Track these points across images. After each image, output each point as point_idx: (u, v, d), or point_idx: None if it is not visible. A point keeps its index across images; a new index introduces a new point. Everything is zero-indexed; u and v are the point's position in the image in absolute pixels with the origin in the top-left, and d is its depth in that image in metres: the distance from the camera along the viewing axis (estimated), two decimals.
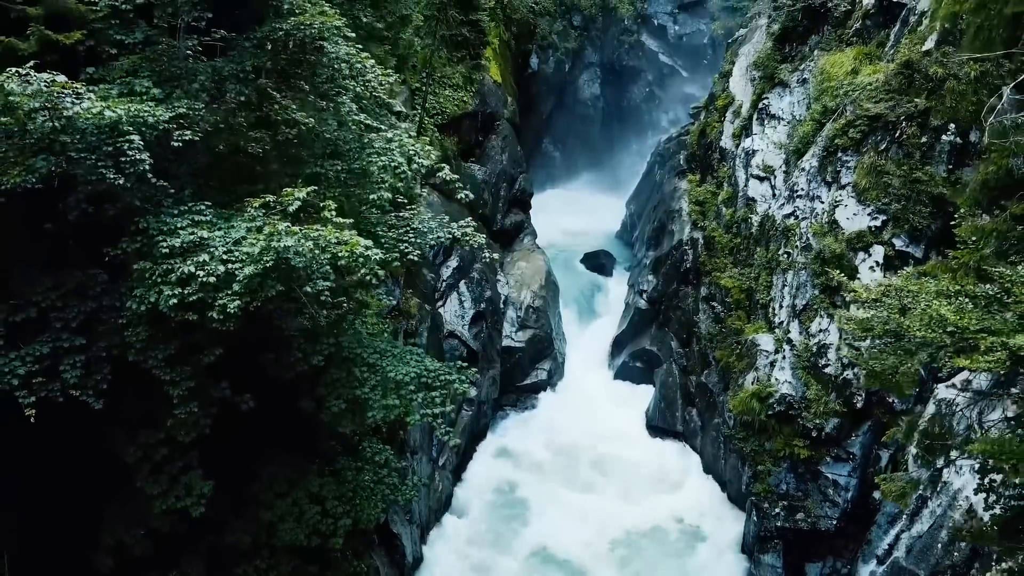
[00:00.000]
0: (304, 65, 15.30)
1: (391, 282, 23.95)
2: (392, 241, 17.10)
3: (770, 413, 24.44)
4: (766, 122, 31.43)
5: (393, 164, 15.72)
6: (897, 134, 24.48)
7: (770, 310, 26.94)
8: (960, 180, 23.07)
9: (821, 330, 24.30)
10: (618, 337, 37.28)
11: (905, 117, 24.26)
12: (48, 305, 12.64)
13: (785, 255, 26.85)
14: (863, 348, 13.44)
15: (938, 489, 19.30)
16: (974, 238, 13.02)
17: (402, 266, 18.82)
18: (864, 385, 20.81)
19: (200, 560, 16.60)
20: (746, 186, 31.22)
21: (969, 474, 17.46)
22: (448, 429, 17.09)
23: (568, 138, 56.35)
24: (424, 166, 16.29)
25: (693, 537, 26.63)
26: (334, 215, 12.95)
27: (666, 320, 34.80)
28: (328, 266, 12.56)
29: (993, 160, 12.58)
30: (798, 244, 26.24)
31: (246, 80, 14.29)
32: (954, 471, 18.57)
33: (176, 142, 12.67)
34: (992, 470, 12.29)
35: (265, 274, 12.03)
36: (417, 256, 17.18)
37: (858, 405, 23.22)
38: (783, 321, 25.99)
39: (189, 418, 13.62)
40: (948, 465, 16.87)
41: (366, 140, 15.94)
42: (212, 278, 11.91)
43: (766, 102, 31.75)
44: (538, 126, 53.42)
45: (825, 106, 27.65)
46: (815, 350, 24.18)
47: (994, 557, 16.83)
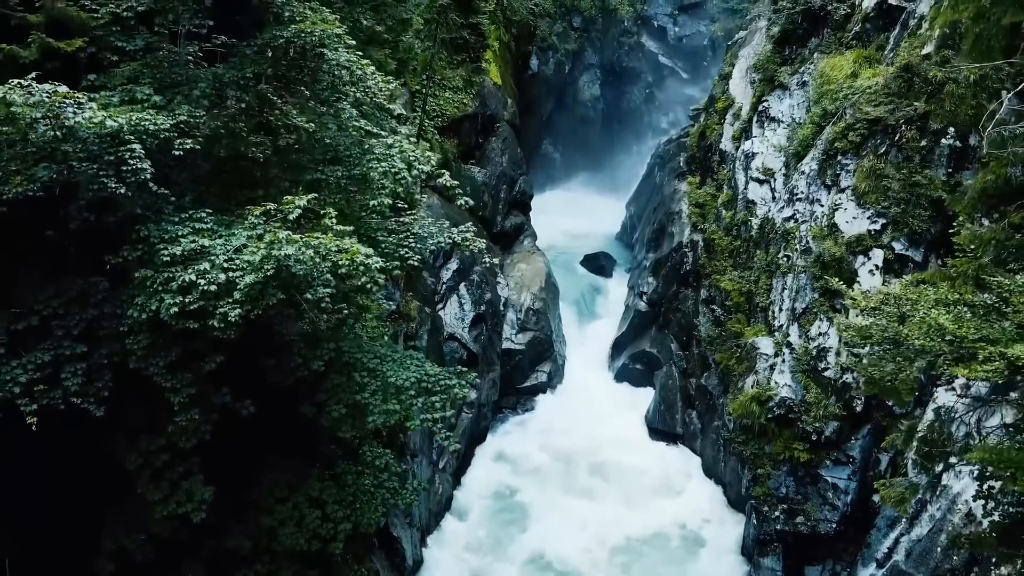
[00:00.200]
0: (305, 71, 15.34)
1: (391, 285, 23.96)
2: (392, 246, 17.12)
3: (770, 416, 24.47)
4: (766, 125, 31.46)
5: (393, 170, 15.75)
6: (897, 138, 24.51)
7: (770, 313, 26.97)
8: (959, 184, 23.12)
9: (821, 333, 24.32)
10: (618, 339, 37.30)
11: (905, 121, 24.30)
12: (50, 313, 12.67)
13: (785, 258, 26.88)
14: (862, 354, 13.44)
15: (937, 493, 19.32)
16: (973, 246, 13.06)
17: (402, 271, 18.83)
18: (863, 392, 20.84)
19: (201, 565, 16.63)
20: (746, 189, 31.25)
21: (968, 478, 17.49)
22: (448, 434, 17.13)
23: (568, 139, 56.33)
24: (424, 172, 16.30)
25: (693, 542, 26.62)
26: (335, 222, 12.97)
27: (666, 322, 34.84)
28: (329, 274, 12.58)
29: (992, 169, 12.60)
30: (798, 247, 26.27)
31: (246, 87, 14.32)
32: (953, 475, 18.60)
33: (177, 150, 12.70)
34: (991, 477, 12.33)
35: (266, 282, 12.05)
36: (417, 261, 17.21)
37: (858, 409, 23.26)
38: (783, 324, 26.03)
39: (190, 425, 13.65)
40: (947, 470, 16.89)
41: (367, 146, 15.96)
42: (213, 286, 11.94)
43: (766, 105, 31.77)
44: (538, 127, 53.43)
45: (825, 109, 27.68)
46: (815, 353, 24.21)
47: (993, 560, 16.88)
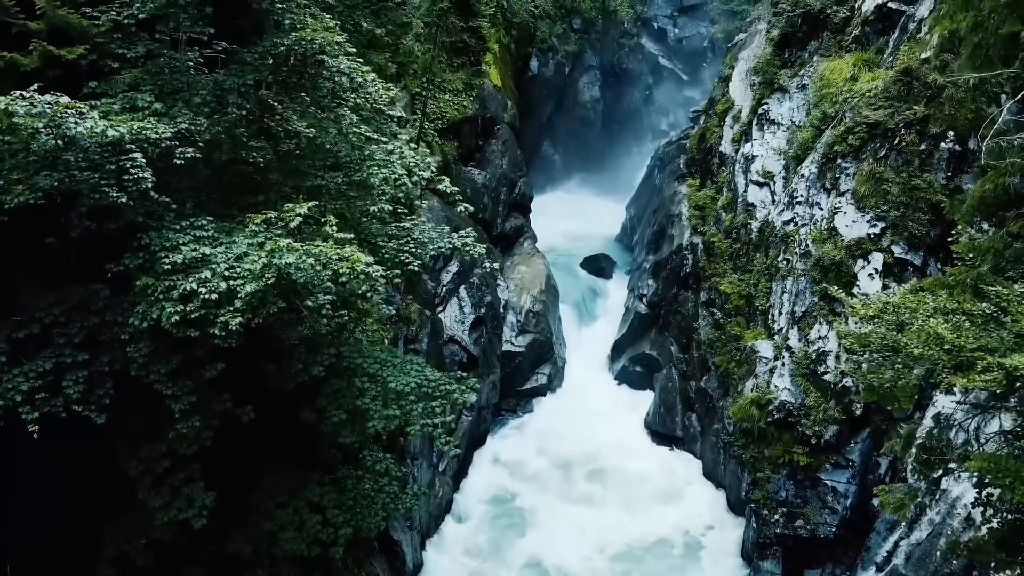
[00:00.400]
0: (305, 78, 15.39)
1: (391, 289, 24.01)
2: (392, 252, 17.17)
3: (769, 420, 24.50)
4: (766, 127, 31.50)
5: (394, 176, 15.78)
6: (896, 141, 24.56)
7: (769, 316, 27.01)
8: (959, 188, 23.17)
9: (820, 337, 24.36)
10: (618, 341, 37.32)
11: (904, 124, 24.36)
12: (51, 321, 12.71)
13: (784, 261, 26.91)
14: (861, 361, 13.48)
15: (937, 497, 19.36)
16: (971, 255, 13.11)
17: (403, 276, 18.88)
18: (862, 398, 20.88)
19: (202, 570, 16.66)
20: (746, 191, 31.28)
21: (968, 482, 17.53)
22: (448, 439, 17.15)
23: (568, 141, 56.34)
24: (424, 178, 16.34)
25: (693, 546, 26.59)
26: (335, 230, 13.01)
27: (666, 325, 34.86)
28: (329, 281, 12.62)
29: (990, 178, 12.65)
30: (797, 251, 26.31)
31: (247, 94, 14.36)
32: (953, 479, 18.64)
33: (178, 159, 12.73)
34: (990, 484, 12.36)
35: (267, 291, 12.09)
36: (417, 267, 17.24)
37: (857, 412, 23.31)
38: (782, 328, 26.06)
39: (191, 432, 13.69)
40: (947, 475, 16.93)
41: (367, 152, 15.99)
42: (214, 295, 11.98)
43: (765, 107, 31.80)
44: (538, 129, 53.44)
45: (824, 112, 27.73)
46: (814, 357, 24.25)
47: (992, 565, 16.92)
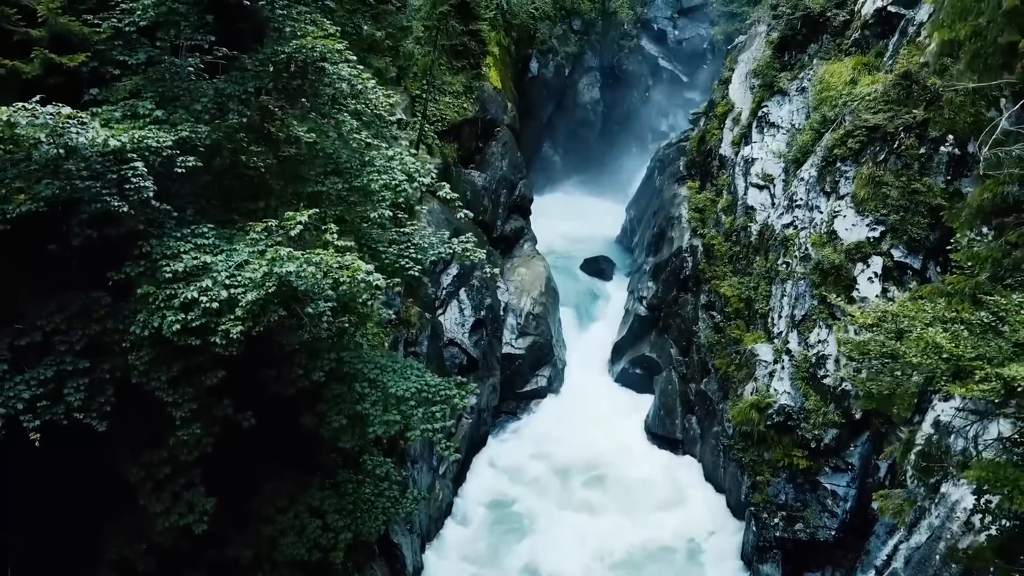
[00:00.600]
0: (306, 85, 15.42)
1: (391, 293, 24.03)
2: (393, 257, 17.18)
3: (769, 423, 24.54)
4: (765, 130, 31.52)
5: (394, 182, 15.82)
6: (895, 145, 24.59)
7: (769, 320, 27.04)
8: (958, 191, 23.21)
9: (820, 341, 24.40)
10: (618, 343, 37.36)
11: (903, 128, 24.39)
12: (52, 328, 12.74)
13: (784, 265, 26.94)
14: (861, 367, 13.53)
15: (936, 501, 19.40)
16: (970, 263, 13.15)
17: (403, 282, 18.93)
18: (861, 405, 20.90)
19: (202, 575, 16.69)
20: (745, 194, 31.31)
21: (967, 486, 17.57)
22: (448, 444, 17.18)
23: (568, 142, 56.37)
24: (424, 184, 16.38)
25: (694, 551, 26.61)
26: (336, 237, 13.04)
27: (666, 327, 34.89)
28: (330, 289, 12.65)
29: (988, 187, 12.70)
30: (797, 254, 26.34)
31: (248, 101, 14.39)
32: (952, 483, 18.67)
33: (180, 168, 12.77)
34: (988, 491, 12.39)
35: (267, 299, 12.12)
36: (418, 272, 17.26)
37: (856, 416, 23.32)
38: (782, 331, 26.10)
39: (192, 438, 13.71)
40: (946, 479, 16.95)
41: (367, 158, 16.03)
42: (215, 303, 12.01)
43: (765, 110, 31.84)
44: (538, 130, 53.47)
45: (824, 116, 27.76)
46: (814, 361, 24.28)
47: (991, 570, 16.96)
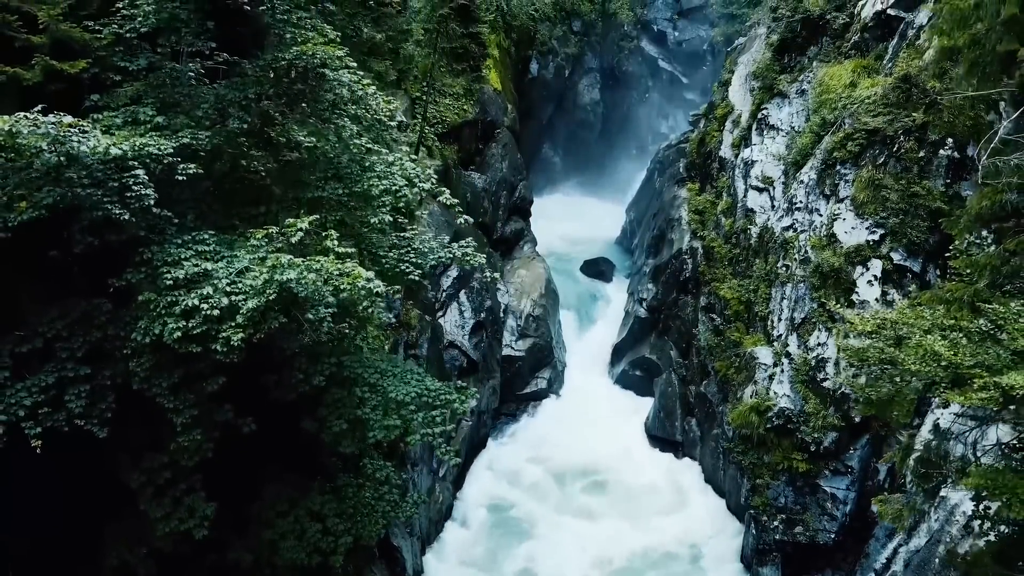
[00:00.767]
0: (307, 90, 15.44)
1: (391, 296, 24.05)
2: (393, 262, 17.22)
3: (769, 426, 24.56)
4: (765, 133, 31.55)
5: (394, 188, 15.85)
6: (895, 148, 24.63)
7: (769, 323, 27.06)
8: (958, 195, 23.24)
9: (819, 344, 24.43)
10: (618, 345, 37.39)
11: (903, 131, 24.43)
12: (54, 335, 12.76)
13: (784, 268, 26.97)
14: (860, 373, 13.56)
15: (936, 504, 19.44)
16: (968, 271, 13.19)
17: (403, 286, 18.96)
18: (861, 412, 20.94)
19: None
20: (745, 197, 31.34)
21: (966, 491, 17.60)
22: (448, 448, 17.20)
23: (568, 143, 56.40)
24: (424, 189, 16.41)
25: (694, 554, 26.64)
26: (336, 244, 13.07)
27: (666, 329, 34.92)
28: (331, 296, 12.67)
29: (987, 195, 12.74)
30: (797, 257, 26.37)
31: (248, 107, 14.42)
32: (951, 486, 18.72)
33: (181, 176, 12.79)
34: (987, 497, 12.43)
35: (268, 306, 12.15)
36: (418, 276, 17.29)
37: (856, 419, 23.35)
38: (782, 334, 26.12)
39: (192, 444, 13.74)
40: (945, 483, 16.99)
41: (367, 163, 16.05)
42: (216, 311, 12.04)
43: (765, 112, 31.86)
44: (538, 131, 53.50)
45: (824, 118, 27.79)
46: (813, 364, 24.31)
47: (989, 574, 16.99)
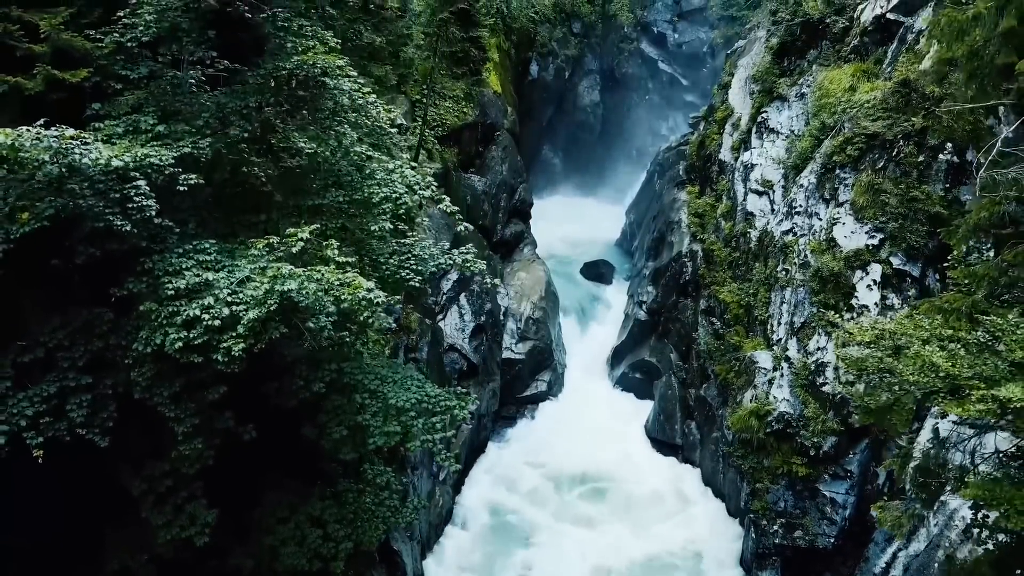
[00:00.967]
0: (308, 97, 15.49)
1: (392, 302, 24.06)
2: (394, 268, 17.25)
3: (768, 431, 24.61)
4: (765, 136, 31.60)
5: (395, 195, 15.90)
6: (894, 152, 24.68)
7: (768, 327, 27.11)
8: (957, 199, 23.30)
9: (819, 348, 24.46)
10: (618, 347, 37.45)
11: (902, 136, 24.50)
12: (55, 344, 12.80)
13: (783, 272, 27.01)
14: (858, 383, 13.61)
15: (935, 509, 19.48)
16: (967, 281, 13.24)
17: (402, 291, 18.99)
18: (860, 421, 20.98)
19: None
20: (745, 200, 31.38)
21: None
22: (448, 454, 17.25)
23: (568, 145, 56.44)
24: (425, 197, 16.45)
25: (693, 557, 26.64)
26: (337, 253, 13.12)
27: (665, 332, 34.97)
28: (332, 306, 12.71)
29: (985, 206, 12.79)
30: (796, 261, 26.41)
31: (249, 116, 14.46)
32: (951, 491, 18.76)
33: (182, 186, 12.83)
34: (985, 507, 12.47)
35: (269, 317, 12.19)
36: (418, 283, 17.33)
37: (855, 424, 23.38)
38: (781, 338, 26.16)
39: (193, 452, 13.78)
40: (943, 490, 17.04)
41: (368, 170, 16.10)
42: (217, 321, 12.08)
43: (765, 116, 31.92)
44: (538, 133, 53.56)
45: (823, 122, 27.85)
46: (813, 368, 24.35)
47: None
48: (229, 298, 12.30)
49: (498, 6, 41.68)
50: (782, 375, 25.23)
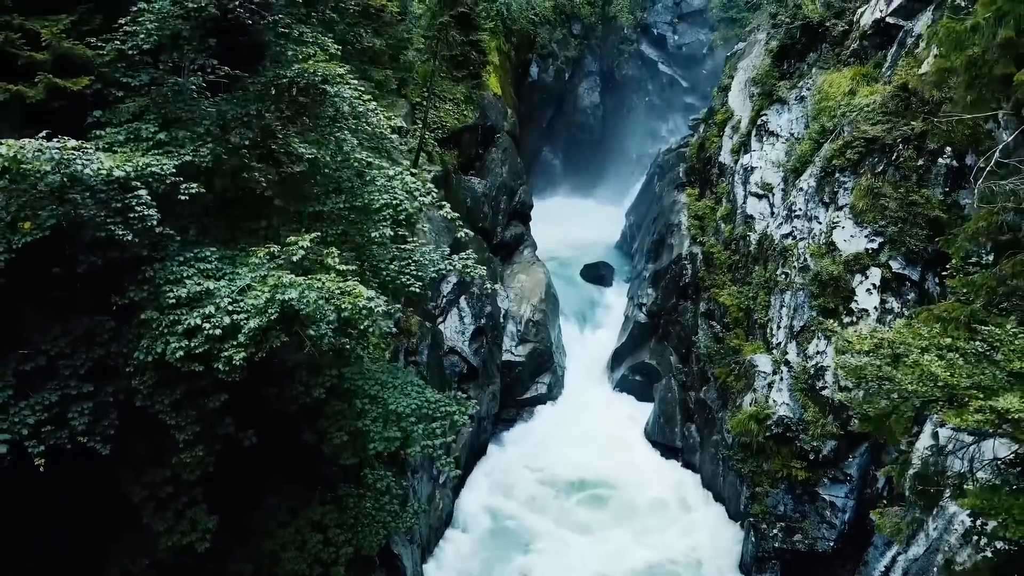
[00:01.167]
0: (308, 102, 15.51)
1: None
2: (394, 274, 17.29)
3: (768, 435, 24.63)
4: (764, 139, 31.61)
5: (395, 201, 15.94)
6: (894, 156, 24.70)
7: (768, 330, 27.14)
8: (956, 203, 23.30)
9: (818, 352, 24.50)
10: (617, 350, 37.48)
11: (902, 140, 24.50)
12: (57, 352, 12.82)
13: (783, 275, 27.04)
14: (857, 391, 13.66)
15: (934, 513, 19.52)
16: (965, 290, 13.28)
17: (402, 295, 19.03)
18: (859, 428, 21.01)
19: None
20: (744, 203, 31.41)
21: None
22: (448, 460, 17.29)
23: (568, 146, 56.49)
24: (425, 204, 16.49)
25: (693, 561, 26.66)
26: (337, 261, 13.15)
27: (665, 334, 35.00)
28: (332, 314, 12.74)
29: (983, 216, 12.84)
30: (796, 265, 26.44)
31: (250, 123, 14.49)
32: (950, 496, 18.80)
33: (183, 195, 12.87)
34: (984, 516, 12.51)
35: (270, 326, 12.23)
36: (418, 289, 17.37)
37: (855, 427, 23.41)
38: (781, 342, 26.20)
39: (194, 459, 13.82)
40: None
41: (368, 177, 16.13)
42: (218, 330, 12.12)
43: (764, 119, 31.92)
44: (538, 134, 53.61)
45: (823, 126, 27.86)
46: (812, 372, 24.39)
47: None
48: (230, 307, 12.34)
49: (498, 8, 41.68)
50: (781, 379, 25.26)
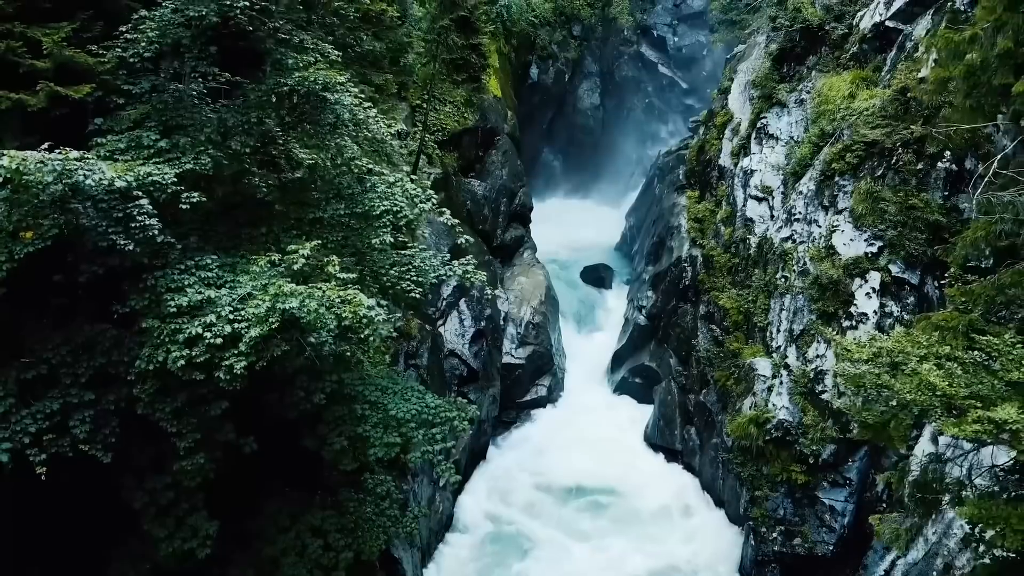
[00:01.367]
0: (308, 109, 15.57)
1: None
2: (394, 279, 17.34)
3: (767, 438, 24.66)
4: (764, 142, 31.63)
5: (395, 208, 15.99)
6: (893, 160, 24.71)
7: (768, 334, 27.17)
8: (956, 207, 23.31)
9: (818, 356, 24.54)
10: (617, 352, 37.51)
11: (901, 144, 24.50)
12: (58, 361, 12.86)
13: (783, 279, 27.08)
14: (856, 398, 13.71)
15: (933, 518, 19.56)
16: (964, 300, 13.32)
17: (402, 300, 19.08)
18: (858, 436, 21.06)
19: None
20: (744, 206, 31.43)
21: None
22: (448, 466, 17.34)
23: (568, 147, 56.55)
24: (425, 211, 16.54)
25: (692, 565, 26.68)
26: (338, 270, 13.20)
27: (665, 337, 35.02)
28: (333, 323, 12.79)
29: (981, 226, 12.88)
30: (795, 268, 26.47)
31: (250, 130, 14.54)
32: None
33: (184, 204, 12.91)
34: (982, 524, 12.55)
35: (271, 335, 12.28)
36: (419, 295, 17.41)
37: (854, 431, 23.44)
38: (780, 346, 26.23)
39: (195, 467, 13.87)
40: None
41: (368, 184, 16.19)
42: (219, 339, 12.17)
43: (764, 122, 31.94)
44: (538, 136, 53.67)
45: (823, 129, 27.88)
46: (812, 376, 24.42)
47: None
48: (231, 316, 12.39)
49: (498, 11, 41.72)
50: (781, 382, 25.30)
